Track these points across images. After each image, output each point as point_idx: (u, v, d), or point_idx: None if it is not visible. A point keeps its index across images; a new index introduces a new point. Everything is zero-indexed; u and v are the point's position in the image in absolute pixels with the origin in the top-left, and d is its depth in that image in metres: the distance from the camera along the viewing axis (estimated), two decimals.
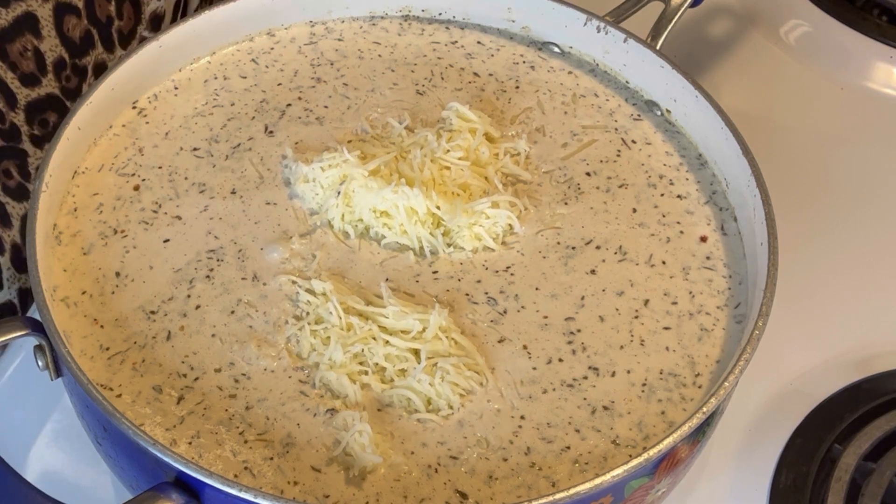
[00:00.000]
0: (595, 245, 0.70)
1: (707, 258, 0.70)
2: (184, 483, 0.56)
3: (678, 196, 0.73)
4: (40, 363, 0.62)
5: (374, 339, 0.63)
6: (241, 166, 0.73)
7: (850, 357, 0.79)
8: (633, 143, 0.76)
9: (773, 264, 0.64)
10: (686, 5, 0.81)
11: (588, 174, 0.74)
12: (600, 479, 0.55)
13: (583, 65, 0.81)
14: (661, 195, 0.73)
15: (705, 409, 0.59)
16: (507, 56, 0.82)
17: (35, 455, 0.72)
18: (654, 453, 0.57)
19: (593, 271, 0.69)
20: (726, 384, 0.60)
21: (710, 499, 0.72)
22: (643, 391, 0.63)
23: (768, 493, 0.72)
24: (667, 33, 0.80)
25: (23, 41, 0.76)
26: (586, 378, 0.64)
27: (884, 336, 0.81)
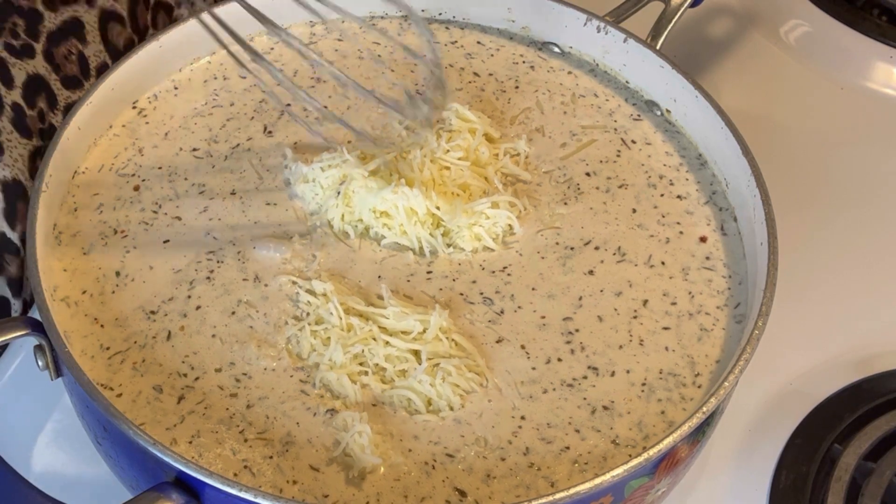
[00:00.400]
0: (594, 246, 0.70)
1: (707, 258, 0.70)
2: (184, 483, 0.56)
3: (678, 196, 0.73)
4: (40, 363, 0.62)
5: (375, 339, 0.63)
6: (240, 166, 0.73)
7: (850, 357, 0.79)
8: (633, 143, 0.76)
9: (773, 264, 0.64)
10: (686, 5, 0.81)
11: (588, 174, 0.74)
12: (600, 479, 0.55)
13: (583, 65, 0.81)
14: (661, 195, 0.73)
15: (705, 408, 0.59)
16: (506, 56, 0.82)
17: (35, 455, 0.72)
18: (654, 453, 0.57)
19: (591, 272, 0.69)
20: (726, 384, 0.60)
21: (710, 499, 0.72)
22: (643, 391, 0.63)
23: (768, 493, 0.72)
24: (667, 33, 0.80)
25: (68, 45, 0.78)
26: (586, 378, 0.64)
27: (884, 336, 0.81)
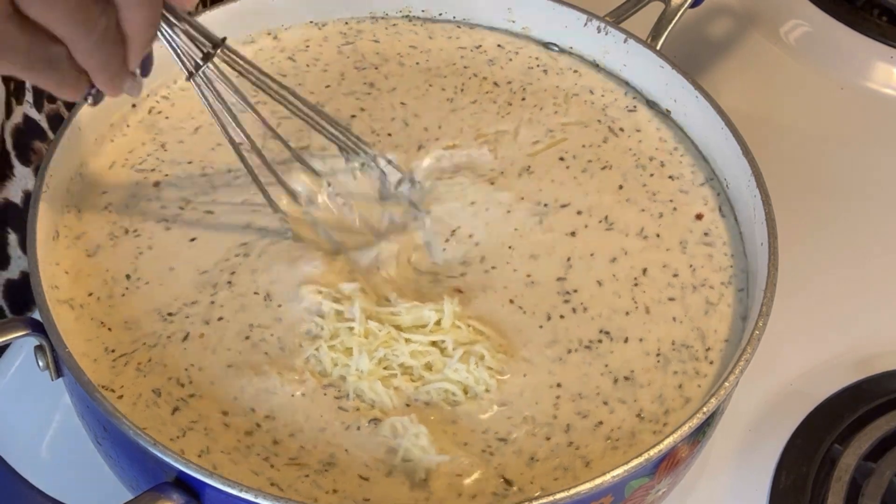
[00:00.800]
0: (576, 210, 0.70)
1: (705, 234, 0.70)
2: (184, 483, 0.56)
3: (670, 177, 0.73)
4: (41, 363, 0.62)
5: (395, 339, 0.62)
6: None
7: (850, 357, 0.79)
8: (622, 130, 0.76)
9: (773, 264, 0.64)
10: (686, 5, 0.81)
11: (562, 158, 0.74)
12: (600, 479, 0.55)
13: (583, 65, 0.81)
14: (651, 175, 0.73)
15: (705, 409, 0.58)
16: (523, 60, 0.81)
17: (35, 455, 0.72)
18: (654, 453, 0.57)
19: (573, 233, 0.69)
20: (726, 384, 0.59)
21: (710, 499, 0.72)
22: (658, 361, 0.64)
23: (768, 493, 0.72)
24: (667, 33, 0.80)
25: None
26: (601, 342, 0.64)
27: (884, 336, 0.81)
